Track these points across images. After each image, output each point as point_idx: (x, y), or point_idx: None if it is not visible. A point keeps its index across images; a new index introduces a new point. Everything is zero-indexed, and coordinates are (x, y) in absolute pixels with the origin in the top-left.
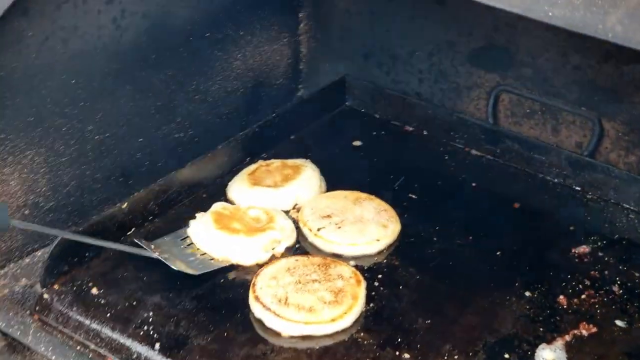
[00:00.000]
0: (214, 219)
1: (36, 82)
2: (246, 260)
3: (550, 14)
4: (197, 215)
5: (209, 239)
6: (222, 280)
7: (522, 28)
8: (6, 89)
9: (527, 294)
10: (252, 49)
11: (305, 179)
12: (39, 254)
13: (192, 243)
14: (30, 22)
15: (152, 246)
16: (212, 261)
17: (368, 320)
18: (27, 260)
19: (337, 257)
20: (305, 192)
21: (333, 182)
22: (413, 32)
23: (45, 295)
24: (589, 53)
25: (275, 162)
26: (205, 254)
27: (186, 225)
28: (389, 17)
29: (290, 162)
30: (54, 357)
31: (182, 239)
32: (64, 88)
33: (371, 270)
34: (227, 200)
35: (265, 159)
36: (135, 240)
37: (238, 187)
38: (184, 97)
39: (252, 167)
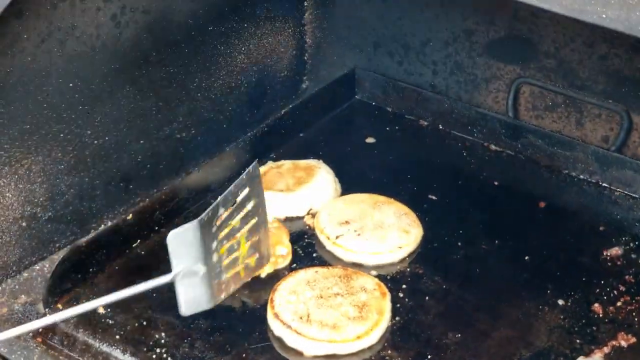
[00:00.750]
0: None
1: (32, 87)
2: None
3: (603, 15)
4: None
5: None
6: (236, 294)
7: (545, 17)
8: (1, 95)
9: (561, 302)
10: (255, 41)
11: (319, 182)
12: (37, 267)
13: None
14: (25, 23)
15: None
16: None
17: (395, 336)
18: (25, 274)
19: (358, 266)
20: (320, 196)
21: (347, 183)
22: (427, 20)
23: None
24: (616, 43)
25: (286, 164)
26: None
27: None
28: (401, 4)
29: (302, 163)
30: None
31: None
32: (61, 92)
33: (394, 281)
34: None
35: (274, 159)
36: None
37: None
38: (185, 95)
39: (262, 169)
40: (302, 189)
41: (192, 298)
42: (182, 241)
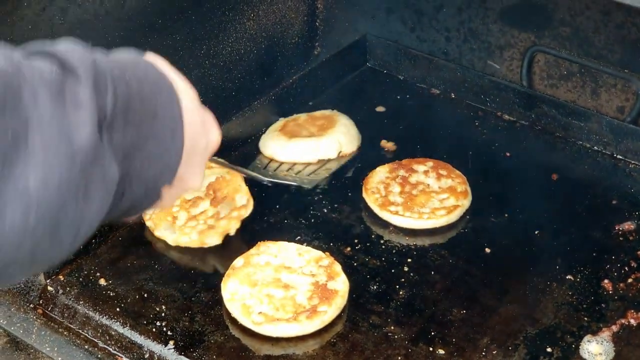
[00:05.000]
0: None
1: None
2: None
3: None
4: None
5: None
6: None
7: None
8: None
9: (569, 277)
10: (265, 7)
11: (344, 125)
12: None
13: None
14: None
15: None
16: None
17: (398, 311)
18: None
19: None
20: (348, 138)
21: None
22: None
23: (50, 287)
24: (633, 11)
25: (301, 116)
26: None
27: None
28: None
29: (317, 113)
30: (60, 359)
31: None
32: None
33: (400, 254)
34: (263, 158)
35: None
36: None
37: (274, 143)
38: (193, 62)
39: (279, 123)
40: (329, 133)
41: None
42: None
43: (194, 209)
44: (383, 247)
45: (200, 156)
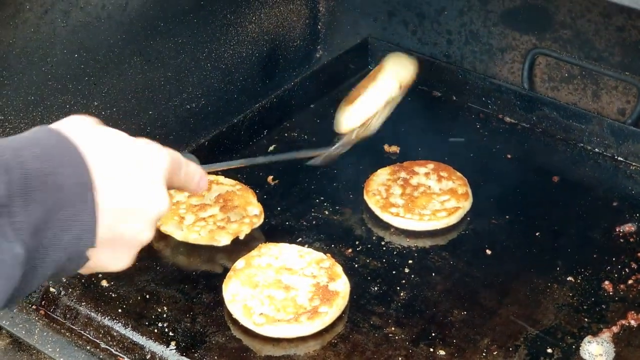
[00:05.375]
0: None
1: (36, 58)
2: None
3: None
4: None
5: None
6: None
7: None
8: (4, 67)
9: (570, 279)
10: (267, 10)
11: (391, 59)
12: None
13: None
14: None
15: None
16: None
17: (399, 313)
18: None
19: None
20: (400, 67)
21: None
22: None
23: (52, 289)
24: (633, 13)
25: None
26: None
27: None
28: None
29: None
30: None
31: None
32: (66, 63)
33: (401, 256)
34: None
35: (285, 129)
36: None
37: (344, 116)
38: (195, 65)
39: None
40: (382, 73)
41: None
42: None
43: (202, 213)
44: (384, 248)
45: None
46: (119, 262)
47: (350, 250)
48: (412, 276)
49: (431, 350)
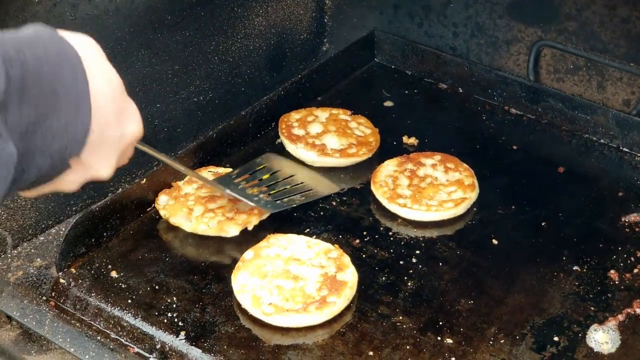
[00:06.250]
0: None
1: None
2: None
3: None
4: None
5: None
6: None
7: None
8: None
9: (576, 268)
10: (274, 3)
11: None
12: (54, 231)
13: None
14: None
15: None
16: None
17: (407, 302)
18: (41, 238)
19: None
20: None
21: None
22: None
23: (62, 280)
24: (638, 4)
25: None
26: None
27: None
28: None
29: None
30: (72, 350)
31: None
32: None
33: (408, 246)
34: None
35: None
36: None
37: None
38: (202, 58)
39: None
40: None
41: None
42: None
43: (211, 204)
44: (391, 239)
45: (112, 146)
46: (74, 187)
47: (358, 240)
48: (420, 266)
49: (438, 338)
